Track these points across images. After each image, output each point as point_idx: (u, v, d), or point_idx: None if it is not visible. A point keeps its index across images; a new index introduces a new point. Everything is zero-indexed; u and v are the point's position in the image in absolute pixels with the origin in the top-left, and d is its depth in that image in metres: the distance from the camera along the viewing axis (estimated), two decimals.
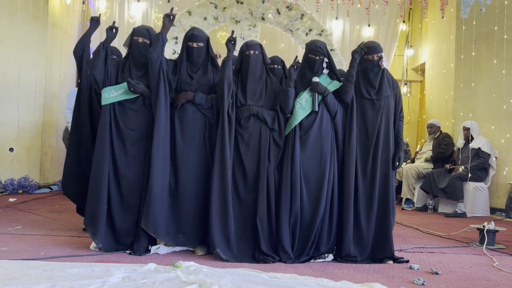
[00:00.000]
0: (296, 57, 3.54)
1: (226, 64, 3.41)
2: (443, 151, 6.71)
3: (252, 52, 3.52)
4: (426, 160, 6.86)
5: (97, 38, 7.85)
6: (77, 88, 4.31)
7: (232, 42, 3.51)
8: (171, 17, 3.44)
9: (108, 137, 3.43)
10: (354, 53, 3.50)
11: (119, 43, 4.24)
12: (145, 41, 3.54)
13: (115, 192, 3.43)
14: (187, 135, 3.46)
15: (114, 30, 3.59)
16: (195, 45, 3.49)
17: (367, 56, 3.52)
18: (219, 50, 4.32)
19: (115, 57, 3.98)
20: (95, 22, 3.87)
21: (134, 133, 3.47)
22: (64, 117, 6.42)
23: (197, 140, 3.47)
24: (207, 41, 3.57)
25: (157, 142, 3.34)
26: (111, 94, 3.45)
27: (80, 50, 3.95)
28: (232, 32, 3.65)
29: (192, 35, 3.51)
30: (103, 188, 3.38)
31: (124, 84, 3.45)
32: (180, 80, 3.50)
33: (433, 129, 7.01)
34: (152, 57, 3.38)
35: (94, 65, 3.46)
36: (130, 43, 3.57)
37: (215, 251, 3.27)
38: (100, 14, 3.95)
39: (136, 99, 3.48)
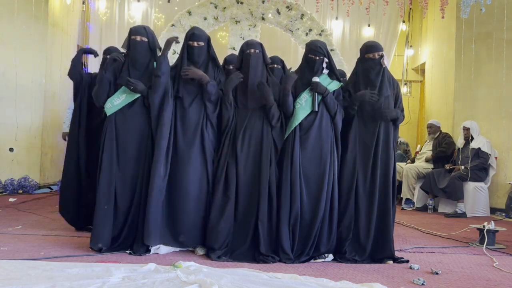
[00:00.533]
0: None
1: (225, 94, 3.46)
2: (444, 150, 6.70)
3: (252, 50, 3.52)
4: (427, 160, 6.86)
5: (96, 39, 7.89)
6: None
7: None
8: (175, 43, 3.50)
9: (115, 149, 3.45)
10: (356, 100, 3.47)
11: (119, 43, 4.26)
12: (143, 39, 3.54)
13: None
14: (188, 136, 3.45)
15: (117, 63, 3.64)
16: (195, 44, 3.50)
17: (367, 54, 3.51)
18: None
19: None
20: (88, 50, 4.21)
21: (131, 137, 3.47)
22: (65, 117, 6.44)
23: (198, 141, 3.46)
24: (208, 40, 3.57)
25: (158, 156, 3.34)
26: (115, 103, 3.47)
27: (78, 75, 4.16)
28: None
29: (193, 34, 3.51)
30: (110, 205, 3.39)
31: (124, 89, 3.46)
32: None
33: (433, 129, 7.00)
34: (161, 81, 3.38)
35: (100, 97, 3.51)
36: (129, 43, 3.57)
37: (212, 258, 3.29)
38: (96, 53, 4.21)
39: (136, 100, 3.48)
